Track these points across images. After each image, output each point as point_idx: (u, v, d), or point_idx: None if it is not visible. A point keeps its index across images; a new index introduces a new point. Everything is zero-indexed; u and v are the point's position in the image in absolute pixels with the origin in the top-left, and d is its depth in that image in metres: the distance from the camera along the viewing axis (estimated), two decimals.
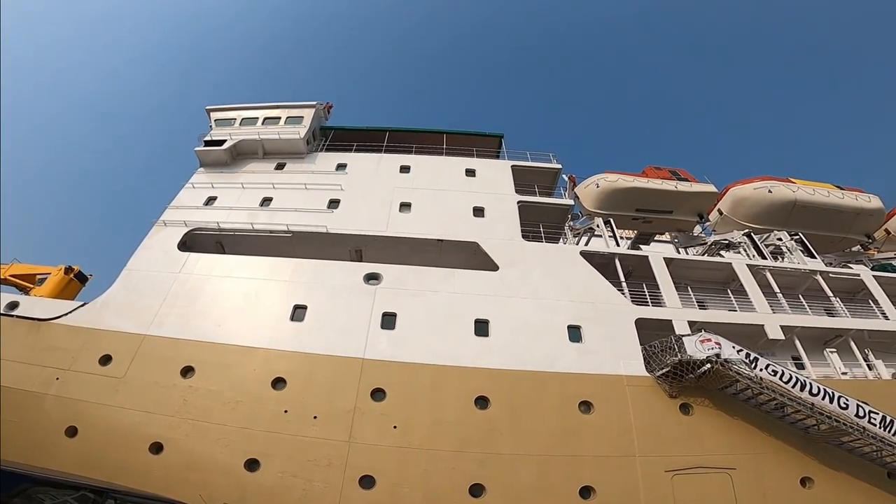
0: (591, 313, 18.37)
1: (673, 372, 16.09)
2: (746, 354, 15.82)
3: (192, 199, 22.69)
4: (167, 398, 15.13)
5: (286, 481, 13.81)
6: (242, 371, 15.82)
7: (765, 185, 28.02)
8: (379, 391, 15.57)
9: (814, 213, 27.48)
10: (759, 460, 15.41)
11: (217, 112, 27.33)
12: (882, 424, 14.97)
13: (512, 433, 15.10)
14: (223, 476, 13.93)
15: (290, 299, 17.95)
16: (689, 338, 16.34)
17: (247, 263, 19.34)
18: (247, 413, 14.93)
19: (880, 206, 28.58)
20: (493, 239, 20.88)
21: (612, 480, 14.55)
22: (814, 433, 15.63)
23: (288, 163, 25.08)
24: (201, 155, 24.91)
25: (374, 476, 13.97)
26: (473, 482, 14.14)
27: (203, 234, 21.06)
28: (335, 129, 28.52)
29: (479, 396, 15.69)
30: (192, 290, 18.27)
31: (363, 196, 22.79)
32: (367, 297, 18.11)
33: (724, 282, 22.64)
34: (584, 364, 16.87)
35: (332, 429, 14.68)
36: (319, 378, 15.77)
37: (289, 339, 16.76)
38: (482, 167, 25.01)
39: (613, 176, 26.84)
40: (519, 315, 18.04)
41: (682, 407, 16.16)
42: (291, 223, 20.95)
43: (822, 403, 15.22)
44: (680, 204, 26.91)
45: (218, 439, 14.41)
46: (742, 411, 16.16)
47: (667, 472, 14.82)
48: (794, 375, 15.71)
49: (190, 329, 16.90)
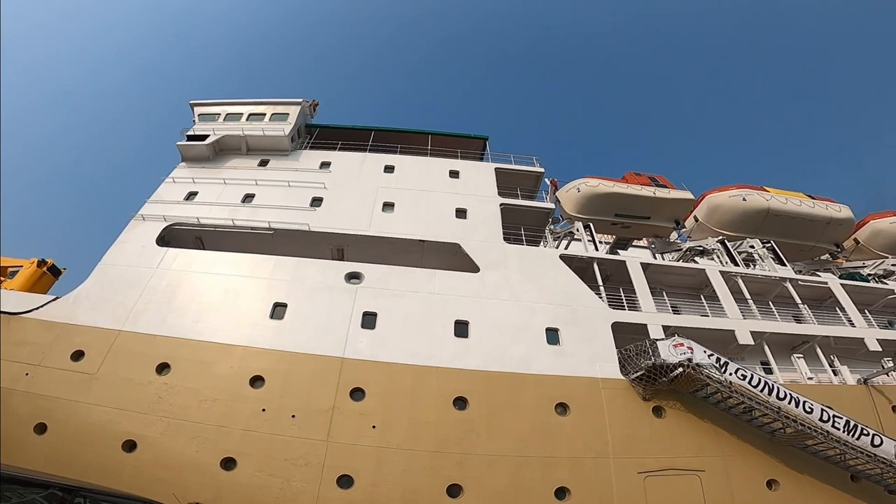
0: (569, 316, 18.50)
1: (647, 375, 16.29)
2: (717, 359, 16.12)
3: (173, 193, 22.16)
4: (141, 395, 14.75)
5: (263, 480, 13.59)
6: (220, 369, 15.51)
7: (739, 194, 28.53)
8: (358, 391, 15.42)
9: (786, 221, 28.04)
10: (727, 462, 15.70)
11: (201, 107, 26.81)
12: (846, 429, 15.36)
13: (489, 434, 15.12)
14: (198, 475, 13.64)
15: (271, 297, 17.68)
16: (662, 342, 16.58)
17: (227, 260, 18.98)
18: (224, 411, 14.63)
19: (850, 216, 29.27)
20: (475, 241, 20.90)
21: (587, 481, 14.66)
22: (780, 436, 15.97)
23: (272, 160, 24.71)
24: (183, 149, 24.38)
25: (352, 476, 13.84)
26: (451, 482, 14.11)
27: (182, 230, 20.62)
28: (320, 127, 28.18)
29: (458, 397, 15.67)
30: (170, 285, 17.84)
31: (346, 195, 22.57)
32: (348, 296, 17.95)
33: (698, 287, 23.02)
34: (562, 366, 16.98)
35: (310, 428, 14.50)
36: (298, 377, 15.55)
37: (268, 337, 16.49)
38: (466, 169, 25.00)
39: (594, 181, 27.03)
40: (498, 317, 18.07)
41: (655, 410, 16.38)
42: (273, 220, 20.65)
43: (789, 407, 15.57)
44: (657, 210, 27.18)
45: (193, 437, 14.11)
46: (712, 414, 16.45)
47: (639, 473, 14.99)
48: (762, 380, 16.05)
49: (166, 325, 16.50)
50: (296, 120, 26.16)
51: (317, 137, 27.38)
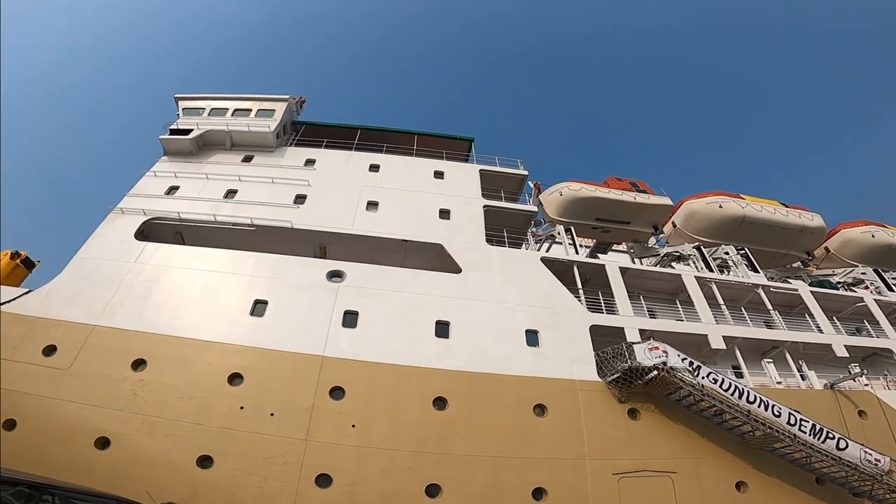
0: (548, 319, 18.56)
1: (623, 378, 16.44)
2: (690, 363, 16.36)
3: (153, 187, 21.61)
4: (116, 391, 14.32)
5: (240, 479, 13.33)
6: (198, 365, 15.16)
7: (716, 201, 28.99)
8: (338, 389, 15.24)
9: (760, 228, 28.58)
10: (698, 465, 15.91)
11: (185, 101, 26.20)
12: (812, 432, 15.72)
13: (469, 434, 15.09)
14: (174, 473, 13.31)
15: (251, 294, 17.36)
16: (638, 345, 16.72)
17: (207, 255, 18.56)
18: (201, 408, 14.30)
19: (822, 225, 29.97)
20: (458, 242, 20.82)
21: (563, 482, 14.74)
22: (749, 439, 16.24)
23: (256, 156, 24.25)
24: (166, 143, 23.79)
25: (331, 475, 13.67)
26: (430, 482, 14.04)
27: (162, 224, 20.09)
28: (306, 125, 27.81)
29: (438, 397, 15.60)
30: (148, 280, 17.39)
31: (330, 193, 22.29)
32: (330, 294, 17.73)
33: (674, 292, 23.33)
34: (540, 368, 17.02)
35: (289, 426, 14.28)
36: (278, 375, 15.29)
37: (247, 334, 16.18)
38: (451, 170, 24.90)
39: (576, 185, 27.19)
40: (479, 318, 18.05)
41: (630, 412, 16.53)
42: (256, 217, 20.30)
43: (758, 411, 15.86)
44: (637, 215, 27.47)
45: (169, 435, 13.76)
46: (684, 417, 16.65)
47: (614, 474, 15.12)
48: (732, 383, 16.33)
49: (143, 320, 16.07)
50: (282, 116, 25.74)
51: (303, 134, 27.03)
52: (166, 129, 24.42)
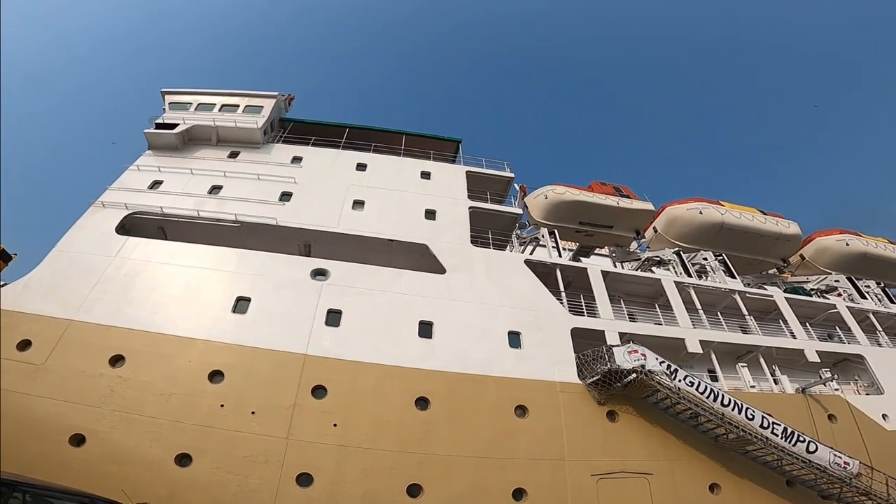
0: (531, 320, 18.59)
1: (602, 380, 16.54)
2: (668, 366, 16.52)
3: (136, 181, 21.05)
4: (92, 388, 13.93)
5: (220, 477, 13.08)
6: (178, 362, 14.84)
7: (697, 207, 29.29)
8: (320, 388, 15.08)
9: (738, 235, 28.91)
10: (674, 467, 16.09)
11: (172, 95, 25.62)
12: (783, 435, 15.99)
13: (450, 435, 15.05)
14: (151, 471, 13.01)
15: (234, 290, 17.06)
16: (618, 348, 16.86)
17: (190, 251, 18.19)
18: (180, 406, 14.01)
19: (798, 233, 30.45)
20: (443, 242, 20.73)
21: (543, 483, 14.79)
22: (723, 441, 16.47)
23: (242, 152, 23.82)
24: (150, 137, 23.20)
25: (312, 474, 13.52)
26: (411, 482, 13.98)
27: (144, 219, 19.60)
28: (294, 122, 27.42)
29: (420, 397, 15.53)
30: (128, 275, 16.94)
31: (317, 191, 22.01)
32: (313, 292, 17.52)
33: (654, 296, 23.51)
34: (522, 369, 17.05)
35: (270, 425, 14.07)
36: (259, 372, 15.05)
37: (229, 331, 15.90)
38: (438, 170, 24.76)
39: (561, 188, 27.26)
40: (462, 319, 18.01)
41: (609, 414, 16.66)
42: (240, 213, 19.91)
43: (732, 414, 16.09)
44: (620, 219, 27.62)
45: (147, 432, 13.44)
46: (661, 419, 16.83)
47: (592, 475, 15.22)
48: (708, 387, 16.55)
49: (122, 316, 15.65)
50: (270, 113, 25.31)
51: (290, 132, 26.62)
52: (152, 122, 23.84)
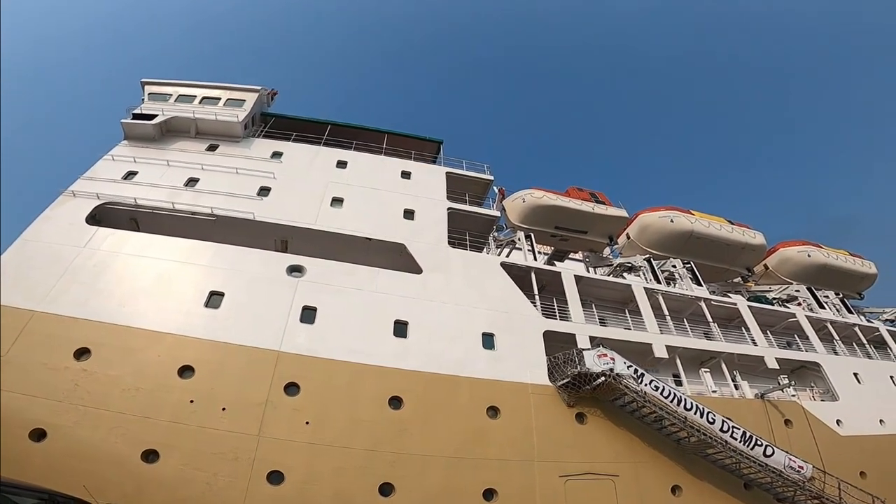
0: (505, 323, 18.62)
1: (572, 383, 16.70)
2: (635, 370, 16.75)
3: (110, 171, 20.20)
4: (55, 381, 13.29)
5: (188, 474, 12.68)
6: (146, 356, 14.29)
7: (668, 215, 29.82)
8: (293, 385, 14.78)
9: (706, 244, 29.57)
10: (638, 469, 16.34)
11: (152, 86, 24.75)
12: (742, 439, 16.38)
13: (423, 434, 14.96)
14: (116, 467, 12.50)
15: (207, 285, 16.54)
16: (588, 352, 17.03)
17: (162, 243, 17.52)
18: (148, 401, 13.49)
19: (763, 243, 31.29)
20: (421, 242, 20.58)
21: (513, 483, 14.84)
22: (685, 445, 16.80)
23: (221, 145, 23.15)
24: (127, 127, 22.33)
25: (283, 472, 13.24)
26: (384, 481, 13.84)
27: (117, 210, 18.80)
28: (276, 117, 26.81)
29: (394, 397, 15.39)
30: (97, 266, 16.23)
31: (295, 187, 21.55)
32: (289, 288, 17.14)
33: (624, 302, 23.84)
34: (495, 371, 17.07)
35: (241, 422, 13.70)
36: (231, 368, 14.64)
37: (201, 325, 15.41)
38: (418, 170, 24.57)
39: (539, 192, 27.32)
40: (438, 319, 17.92)
41: (578, 416, 16.82)
42: (217, 207, 19.34)
43: (694, 418, 16.40)
44: (594, 225, 27.79)
45: (113, 428, 12.90)
46: (627, 422, 17.07)
47: (561, 477, 15.34)
48: (672, 391, 16.84)
49: (89, 308, 14.97)
50: (252, 107, 24.70)
51: (271, 127, 25.98)
52: (129, 113, 22.95)
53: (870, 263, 35.93)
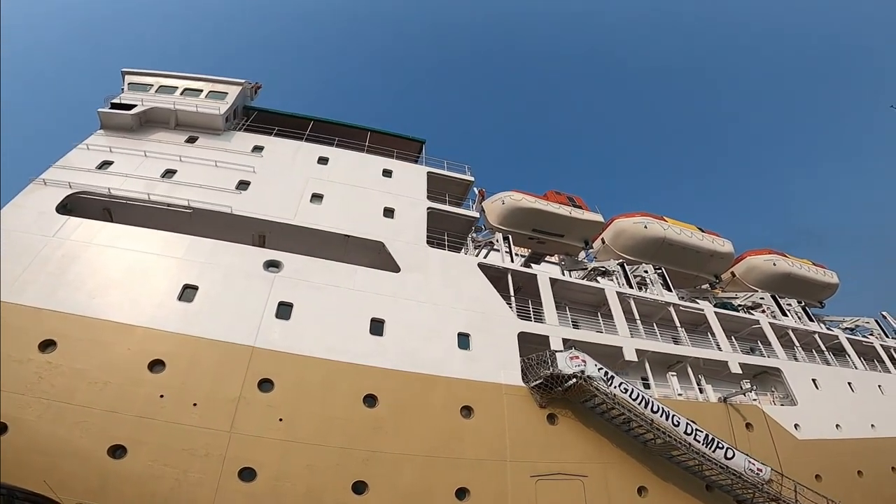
0: (480, 323, 18.59)
1: (545, 384, 16.76)
2: (605, 373, 16.91)
3: (84, 160, 19.45)
4: (18, 374, 12.71)
5: (157, 470, 12.29)
6: (115, 349, 13.80)
7: (642, 221, 30.25)
8: (267, 382, 14.47)
9: (678, 250, 30.11)
10: (606, 469, 16.48)
11: (133, 76, 23.94)
12: (705, 442, 16.69)
13: (397, 433, 14.82)
14: (80, 462, 12.04)
15: (181, 278, 16.05)
16: (561, 354, 17.12)
17: (136, 234, 16.93)
18: (115, 395, 13.03)
19: (731, 251, 31.96)
20: (400, 241, 20.39)
21: (486, 483, 14.82)
22: (651, 446, 17.02)
23: (201, 137, 22.51)
24: (104, 117, 21.52)
25: (255, 469, 12.95)
26: (357, 479, 13.67)
27: (89, 199, 18.12)
28: (258, 111, 26.23)
29: (368, 395, 15.20)
30: (67, 256, 15.59)
31: (275, 181, 21.11)
32: (265, 284, 16.78)
33: (597, 305, 24.04)
34: (470, 371, 17.02)
35: (212, 417, 13.36)
36: (203, 363, 14.26)
37: (174, 319, 14.95)
38: (399, 169, 24.31)
39: (518, 195, 27.36)
40: (414, 318, 17.78)
41: (550, 417, 16.89)
42: (194, 199, 18.82)
43: (660, 420, 16.62)
44: (571, 229, 27.98)
45: (78, 422, 12.42)
46: (597, 424, 17.21)
47: (532, 476, 15.39)
48: (640, 394, 17.03)
49: (56, 299, 14.37)
50: (234, 100, 24.10)
51: (254, 121, 25.40)
52: (107, 102, 22.14)
53: (832, 273, 37.06)
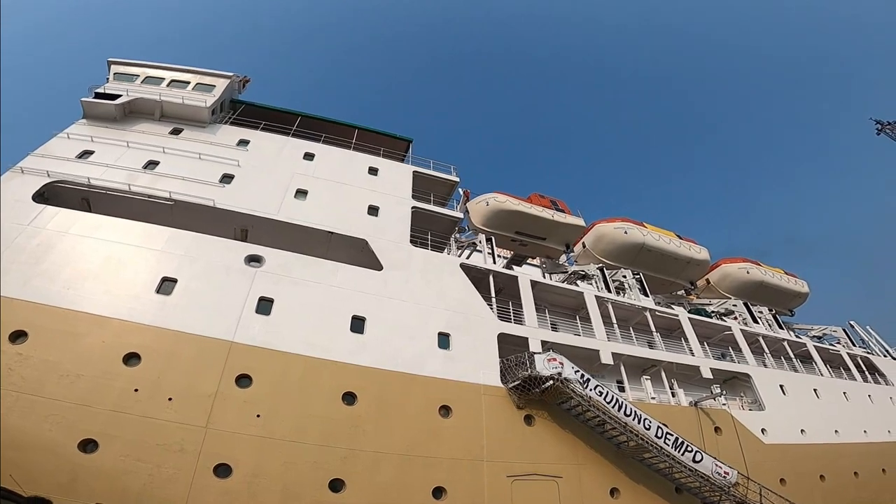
0: (461, 323, 18.52)
1: (522, 385, 16.78)
2: (582, 375, 17.00)
3: (64, 149, 18.82)
4: None
5: (129, 465, 11.93)
6: (89, 342, 13.36)
7: (623, 227, 30.47)
8: (245, 377, 14.16)
9: (656, 256, 30.37)
10: (580, 471, 16.57)
11: (119, 66, 23.22)
12: (674, 445, 16.92)
13: (376, 431, 14.67)
14: (49, 456, 11.62)
15: (160, 270, 15.61)
16: (539, 356, 17.17)
17: (114, 225, 16.41)
18: (88, 388, 12.61)
19: (707, 258, 32.38)
20: (383, 239, 20.19)
21: (462, 482, 14.77)
22: (624, 449, 17.15)
23: (186, 129, 21.96)
24: (87, 106, 20.85)
25: (231, 465, 12.68)
26: (334, 477, 13.50)
27: (68, 189, 17.53)
28: (245, 104, 25.70)
29: (347, 392, 15.00)
30: (42, 246, 15.04)
31: (260, 176, 20.69)
32: (246, 278, 16.42)
33: (576, 308, 24.16)
34: (449, 370, 16.94)
35: (188, 412, 13.02)
36: (180, 357, 13.89)
37: (151, 312, 14.52)
38: (385, 167, 24.06)
39: (503, 197, 27.35)
40: (395, 316, 17.63)
41: (527, 418, 16.91)
42: (176, 191, 18.33)
43: (633, 423, 16.76)
44: (553, 232, 28.07)
45: (48, 416, 11.98)
46: (572, 426, 17.30)
47: (508, 477, 15.40)
48: (615, 397, 17.17)
49: (29, 289, 13.83)
50: (221, 93, 23.57)
51: (241, 114, 24.90)
52: (91, 92, 21.45)
53: (802, 283, 37.94)
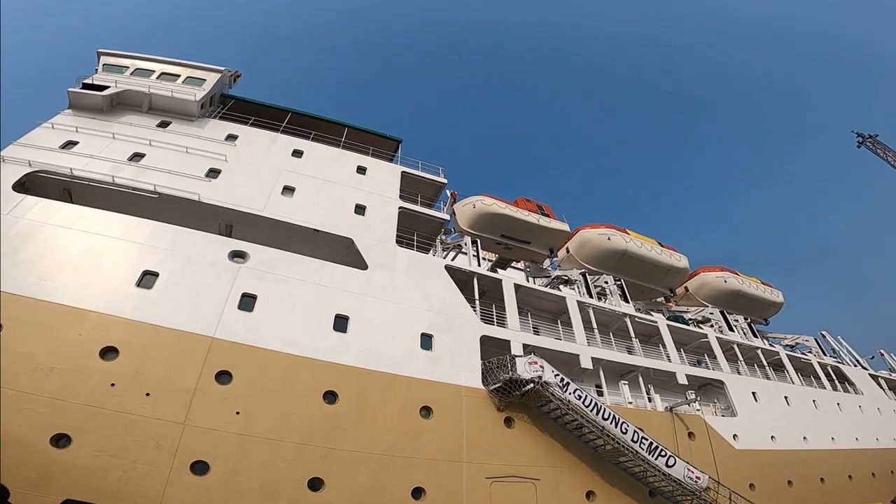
0: (444, 324, 18.41)
1: (503, 388, 16.75)
2: (561, 379, 17.00)
3: (47, 139, 18.30)
4: None
5: (104, 461, 11.58)
6: (65, 334, 12.94)
7: (606, 233, 30.73)
8: (225, 374, 13.88)
9: (637, 263, 30.68)
10: (558, 473, 16.60)
11: (108, 56, 22.67)
12: (649, 449, 17.05)
13: (356, 430, 14.50)
14: (19, 451, 11.20)
15: (141, 263, 15.20)
16: (520, 359, 17.13)
17: (96, 217, 15.96)
18: (62, 382, 12.22)
19: (686, 266, 32.81)
20: (369, 239, 19.99)
21: (441, 483, 14.68)
22: (601, 452, 17.25)
23: (174, 122, 21.51)
24: (73, 96, 20.30)
25: (209, 462, 12.39)
26: (313, 476, 13.31)
27: (50, 179, 17.03)
28: (236, 99, 25.28)
29: (328, 391, 14.81)
30: (19, 235, 14.55)
31: (247, 171, 20.33)
32: (229, 274, 16.09)
33: (558, 313, 24.22)
34: (431, 371, 16.82)
35: (165, 408, 12.69)
36: (159, 352, 13.54)
37: (130, 305, 14.12)
38: (374, 167, 23.85)
39: (489, 200, 27.35)
40: (379, 316, 17.46)
41: (507, 420, 16.89)
42: (160, 184, 17.91)
43: (610, 427, 16.84)
44: (538, 237, 28.14)
45: (18, 409, 11.56)
46: (551, 428, 17.32)
47: (487, 478, 15.36)
48: (593, 400, 17.22)
49: (4, 279, 13.37)
50: (212, 87, 23.12)
51: (230, 109, 24.47)
52: (78, 82, 20.88)
53: (778, 292, 38.64)
